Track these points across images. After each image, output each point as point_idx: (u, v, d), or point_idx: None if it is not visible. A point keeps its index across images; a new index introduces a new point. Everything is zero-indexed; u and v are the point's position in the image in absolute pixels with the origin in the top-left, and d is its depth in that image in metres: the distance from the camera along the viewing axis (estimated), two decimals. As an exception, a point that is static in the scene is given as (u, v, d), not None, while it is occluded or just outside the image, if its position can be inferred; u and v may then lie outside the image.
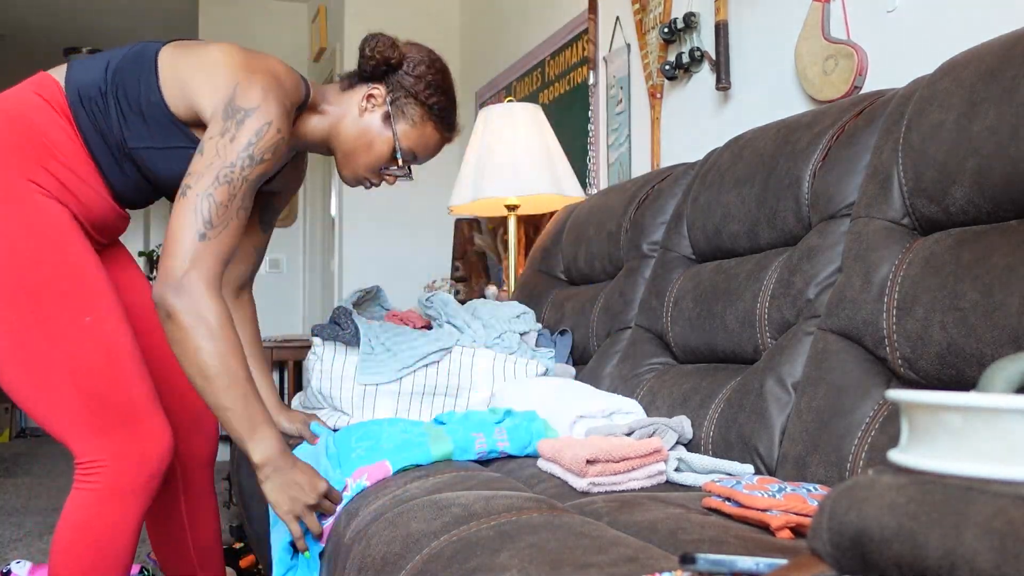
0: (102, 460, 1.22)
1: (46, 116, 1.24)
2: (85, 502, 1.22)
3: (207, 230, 1.16)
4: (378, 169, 1.41)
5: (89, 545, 1.22)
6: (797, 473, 1.15)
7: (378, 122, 1.39)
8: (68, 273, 1.21)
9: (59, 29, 5.46)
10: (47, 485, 3.98)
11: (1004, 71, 1.04)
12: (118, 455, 1.22)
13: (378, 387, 1.72)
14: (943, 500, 0.42)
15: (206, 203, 1.17)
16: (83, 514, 1.22)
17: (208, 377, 1.13)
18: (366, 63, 1.38)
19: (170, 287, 1.14)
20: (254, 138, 1.20)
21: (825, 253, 1.30)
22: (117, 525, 1.23)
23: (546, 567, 0.74)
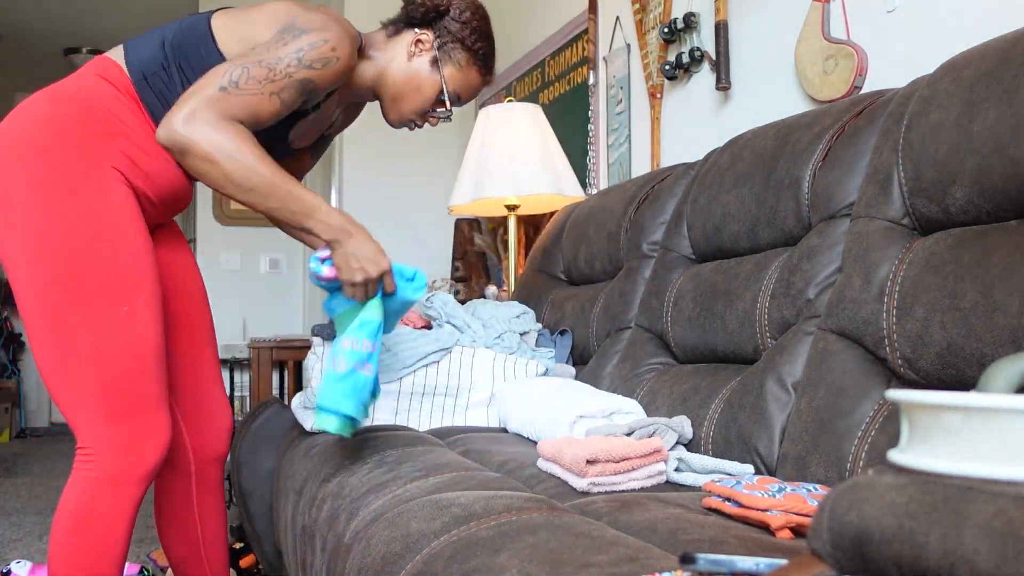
0: (104, 449, 1.24)
1: (114, 98, 1.27)
2: (83, 489, 1.24)
3: (230, 87, 1.19)
4: (424, 112, 1.46)
5: (85, 533, 1.24)
6: (797, 473, 1.15)
7: (426, 66, 1.43)
8: (117, 262, 1.23)
9: (59, 29, 5.46)
10: (47, 485, 3.98)
11: (1004, 71, 1.04)
12: (121, 446, 1.24)
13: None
14: (943, 500, 0.42)
15: (239, 71, 1.20)
16: (81, 501, 1.24)
17: (247, 189, 1.19)
18: (415, 9, 1.43)
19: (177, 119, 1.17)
20: (306, 47, 1.23)
21: (825, 253, 1.30)
22: (113, 514, 1.25)
23: (546, 567, 0.74)
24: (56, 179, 1.20)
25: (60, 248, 1.19)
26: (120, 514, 1.25)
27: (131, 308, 1.23)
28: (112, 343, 1.22)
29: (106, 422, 1.23)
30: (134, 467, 1.25)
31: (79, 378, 1.21)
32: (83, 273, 1.20)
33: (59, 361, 1.21)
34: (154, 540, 2.84)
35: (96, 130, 1.24)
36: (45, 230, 1.19)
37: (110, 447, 1.23)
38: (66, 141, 1.21)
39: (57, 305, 1.20)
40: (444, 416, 1.76)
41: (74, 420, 1.24)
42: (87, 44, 5.75)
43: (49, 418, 6.80)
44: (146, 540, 2.84)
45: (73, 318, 1.20)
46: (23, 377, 6.55)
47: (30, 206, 1.20)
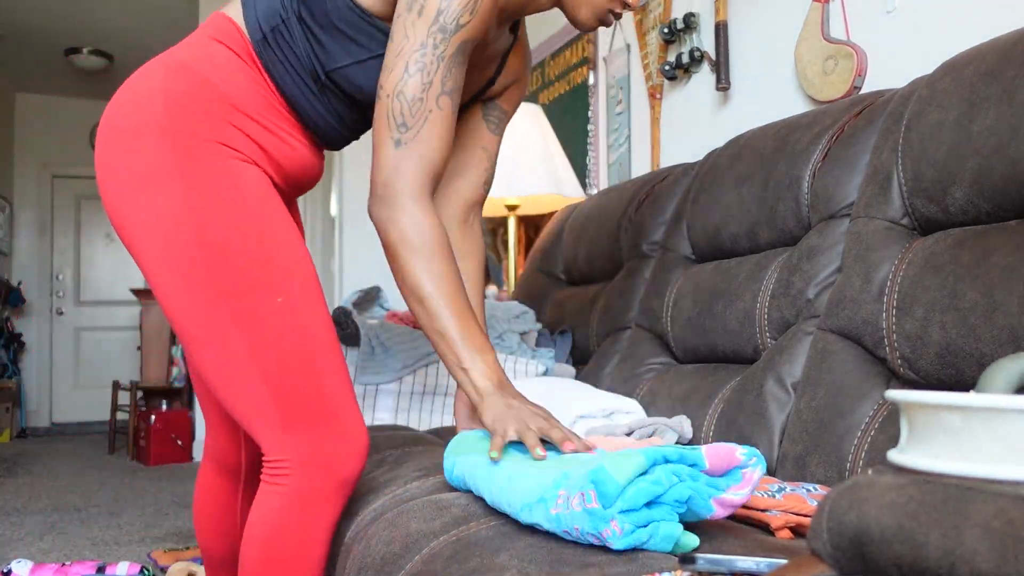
0: (287, 461, 1.07)
1: (231, 66, 1.12)
2: (271, 507, 1.08)
3: (401, 134, 1.04)
4: None
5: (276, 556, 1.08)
6: (797, 473, 1.15)
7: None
8: (259, 248, 1.07)
9: (59, 29, 5.46)
10: (47, 485, 3.98)
11: (1004, 71, 1.04)
12: (305, 458, 1.06)
13: (378, 387, 1.72)
14: (943, 500, 0.42)
15: (396, 103, 1.04)
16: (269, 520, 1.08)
17: (421, 298, 1.02)
18: None
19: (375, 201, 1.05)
20: (445, 3, 1.02)
21: (825, 253, 1.30)
22: (304, 534, 1.08)
23: (546, 567, 0.74)
24: (178, 161, 1.06)
25: (193, 240, 1.05)
26: (311, 534, 1.08)
27: (286, 298, 1.07)
28: (272, 340, 1.05)
29: (285, 430, 1.06)
30: (322, 481, 1.07)
31: (244, 384, 1.05)
32: (221, 267, 1.05)
33: (219, 367, 1.06)
34: (154, 540, 2.84)
35: (211, 106, 1.09)
36: (174, 219, 1.05)
37: (292, 459, 1.06)
38: (181, 119, 1.07)
39: (202, 306, 1.05)
40: (444, 416, 1.76)
41: (252, 431, 1.08)
42: (87, 44, 5.75)
43: (50, 418, 6.81)
44: (146, 540, 2.84)
45: (223, 318, 1.04)
46: (23, 377, 6.55)
47: (155, 194, 1.06)
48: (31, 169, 6.85)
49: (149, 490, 3.86)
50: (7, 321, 6.23)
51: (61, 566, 2.12)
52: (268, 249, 1.07)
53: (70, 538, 2.88)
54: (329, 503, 1.08)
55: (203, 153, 1.07)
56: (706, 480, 0.76)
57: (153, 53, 5.90)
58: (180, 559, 2.43)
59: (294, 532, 1.07)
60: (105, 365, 6.98)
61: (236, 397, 1.06)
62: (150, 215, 1.05)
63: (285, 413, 1.06)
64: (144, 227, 1.06)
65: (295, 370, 1.06)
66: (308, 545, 1.08)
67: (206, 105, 1.09)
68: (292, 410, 1.06)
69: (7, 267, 6.56)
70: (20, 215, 6.79)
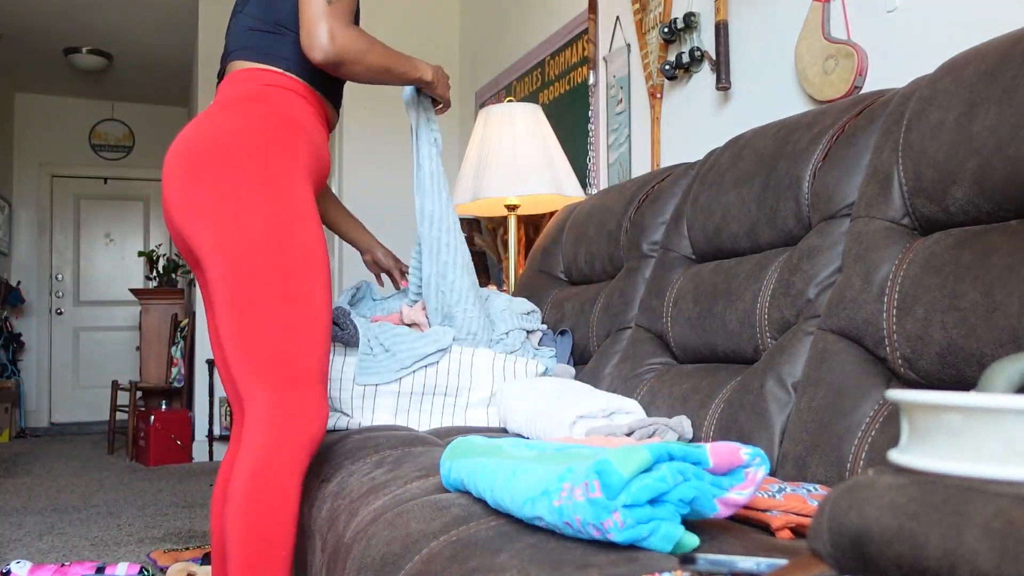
0: (272, 415, 1.31)
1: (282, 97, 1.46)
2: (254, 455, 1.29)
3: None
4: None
5: (260, 496, 1.28)
6: (797, 473, 1.15)
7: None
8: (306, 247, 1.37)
9: (59, 29, 5.46)
10: (47, 485, 3.98)
11: (1004, 71, 1.04)
12: (287, 411, 1.32)
13: (378, 387, 1.72)
14: (943, 500, 0.42)
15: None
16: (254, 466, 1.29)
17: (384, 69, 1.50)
18: None
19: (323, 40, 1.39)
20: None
21: (825, 253, 1.30)
22: (284, 477, 1.30)
23: (546, 567, 0.74)
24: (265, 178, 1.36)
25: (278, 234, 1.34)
26: (291, 475, 1.31)
27: (312, 288, 1.36)
28: (295, 314, 1.33)
29: (275, 387, 1.32)
30: (298, 433, 1.32)
31: (260, 344, 1.31)
32: (280, 252, 1.34)
33: (246, 328, 1.32)
34: (154, 540, 2.84)
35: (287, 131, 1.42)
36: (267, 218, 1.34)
37: (279, 412, 1.31)
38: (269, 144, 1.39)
39: (255, 276, 1.32)
40: (444, 416, 1.76)
41: (248, 386, 1.32)
42: (87, 44, 5.76)
43: (49, 418, 6.80)
44: (146, 540, 2.84)
45: (267, 288, 1.32)
46: (23, 377, 6.55)
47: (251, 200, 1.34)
48: (30, 169, 6.85)
49: (148, 490, 3.85)
50: (6, 321, 6.23)
51: (60, 566, 2.12)
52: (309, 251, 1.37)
53: (69, 538, 2.87)
54: (300, 452, 1.32)
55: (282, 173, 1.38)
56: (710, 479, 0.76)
57: (153, 53, 5.91)
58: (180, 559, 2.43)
59: (275, 474, 1.29)
60: (104, 365, 6.98)
61: (249, 354, 1.32)
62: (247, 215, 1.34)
63: (281, 373, 1.32)
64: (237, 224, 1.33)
65: (301, 342, 1.34)
66: (287, 487, 1.30)
67: (283, 129, 1.41)
68: (287, 372, 1.33)
69: (6, 267, 6.56)
70: (19, 215, 6.78)
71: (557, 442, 0.95)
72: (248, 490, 1.28)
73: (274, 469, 1.30)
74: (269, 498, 1.29)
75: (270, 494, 1.29)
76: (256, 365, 1.32)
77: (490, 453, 0.95)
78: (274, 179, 1.36)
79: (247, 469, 1.29)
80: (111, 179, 7.10)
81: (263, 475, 1.29)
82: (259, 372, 1.32)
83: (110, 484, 4.03)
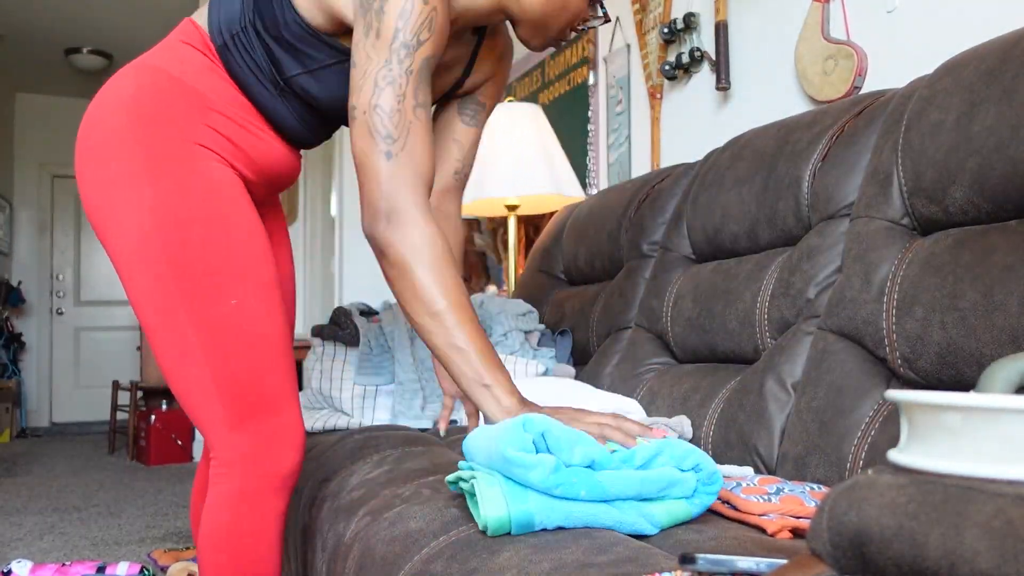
0: (233, 459, 1.12)
1: (199, 66, 1.16)
2: (220, 505, 1.13)
3: (389, 146, 1.01)
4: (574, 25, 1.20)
5: (231, 552, 1.13)
6: (797, 473, 1.15)
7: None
8: (222, 248, 1.11)
9: (59, 29, 5.46)
10: (47, 485, 3.98)
11: (1004, 71, 1.04)
12: (251, 454, 1.12)
13: (378, 387, 1.72)
14: (943, 500, 0.42)
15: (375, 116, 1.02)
16: (220, 519, 1.13)
17: (435, 313, 0.98)
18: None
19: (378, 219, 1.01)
20: (400, 23, 1.01)
21: (825, 253, 1.30)
22: (257, 529, 1.13)
23: (546, 567, 0.74)
24: (149, 164, 1.10)
25: (158, 241, 1.09)
26: (264, 528, 1.13)
27: (240, 300, 1.11)
28: (222, 340, 1.10)
29: (230, 427, 1.11)
30: (267, 477, 1.12)
31: (195, 380, 1.10)
32: (184, 265, 1.09)
33: (174, 362, 1.11)
34: (154, 540, 2.84)
35: (183, 106, 1.12)
36: (142, 221, 1.09)
37: (240, 456, 1.11)
38: (154, 121, 1.11)
39: (163, 301, 1.09)
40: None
41: (199, 426, 1.13)
42: (87, 44, 5.76)
43: (50, 418, 6.81)
44: (146, 540, 2.84)
45: (180, 315, 1.09)
46: (23, 377, 6.55)
47: (127, 197, 1.10)
48: (31, 169, 6.85)
49: (149, 490, 3.86)
50: (7, 321, 6.23)
51: (61, 566, 2.12)
52: (230, 250, 1.11)
53: (70, 538, 2.88)
54: (273, 498, 1.13)
55: (174, 156, 1.10)
56: None
57: (153, 53, 5.90)
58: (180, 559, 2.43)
59: (244, 528, 1.12)
60: (105, 365, 6.98)
61: (187, 393, 1.11)
62: (123, 218, 1.10)
63: (231, 411, 1.10)
64: (117, 227, 1.10)
65: (242, 370, 1.11)
66: (260, 539, 1.13)
67: (179, 104, 1.12)
68: (237, 409, 1.11)
69: (7, 267, 6.56)
70: (20, 215, 6.79)
71: None
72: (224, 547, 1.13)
73: (249, 520, 1.12)
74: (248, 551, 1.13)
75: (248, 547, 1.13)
76: (200, 405, 1.11)
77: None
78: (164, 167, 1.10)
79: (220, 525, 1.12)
80: (111, 179, 7.10)
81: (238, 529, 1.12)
82: (206, 412, 1.11)
83: (110, 484, 4.03)
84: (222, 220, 1.11)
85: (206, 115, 1.13)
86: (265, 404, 1.12)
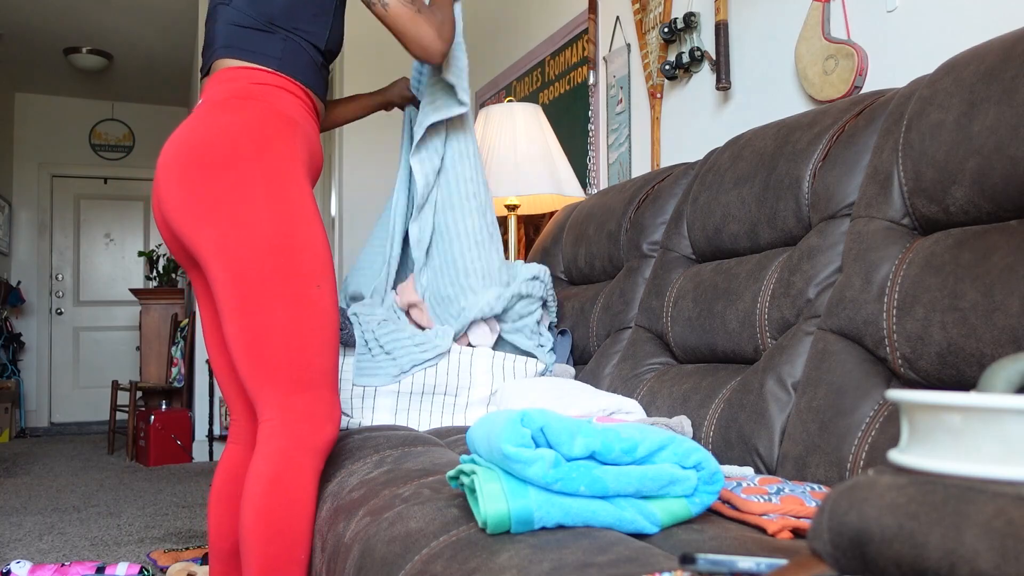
0: (288, 420, 1.29)
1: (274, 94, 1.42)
2: (271, 458, 1.28)
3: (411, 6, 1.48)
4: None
5: (279, 496, 1.27)
6: (797, 473, 1.15)
7: None
8: (314, 248, 1.34)
9: (58, 29, 5.46)
10: (47, 485, 3.98)
11: (1004, 71, 1.04)
12: (303, 415, 1.30)
13: (377, 388, 1.72)
14: (943, 500, 0.42)
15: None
16: (271, 468, 1.28)
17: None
18: None
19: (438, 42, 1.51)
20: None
21: (825, 253, 1.30)
22: (302, 478, 1.29)
23: (546, 567, 0.74)
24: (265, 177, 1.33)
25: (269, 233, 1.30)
26: (308, 478, 1.29)
27: (321, 289, 1.33)
28: (305, 317, 1.31)
29: (289, 392, 1.30)
30: (314, 436, 1.31)
31: (272, 349, 1.29)
32: (286, 255, 1.31)
33: (255, 333, 1.29)
34: (154, 540, 2.84)
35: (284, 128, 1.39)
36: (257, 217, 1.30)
37: (295, 417, 1.29)
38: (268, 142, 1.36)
39: (261, 281, 1.29)
40: (444, 416, 1.76)
41: (260, 392, 1.30)
42: (87, 44, 5.75)
43: (49, 418, 6.80)
44: (146, 541, 2.84)
45: (275, 292, 1.29)
46: (23, 377, 6.55)
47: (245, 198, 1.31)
48: (30, 169, 6.84)
49: (148, 490, 3.86)
50: (6, 321, 6.23)
51: (60, 566, 2.12)
52: (316, 252, 1.35)
53: (69, 538, 2.87)
54: (317, 456, 1.31)
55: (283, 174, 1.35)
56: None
57: (152, 53, 5.90)
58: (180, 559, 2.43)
59: (293, 475, 1.28)
60: (104, 365, 6.98)
61: (261, 360, 1.29)
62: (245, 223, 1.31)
63: (295, 378, 1.30)
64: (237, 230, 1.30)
65: (314, 345, 1.31)
66: (305, 487, 1.29)
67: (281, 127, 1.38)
68: (301, 377, 1.30)
69: (6, 267, 6.56)
70: (19, 215, 6.78)
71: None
72: (266, 495, 1.27)
73: (292, 473, 1.28)
74: (288, 502, 1.28)
75: (289, 498, 1.28)
76: (267, 371, 1.29)
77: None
78: (276, 179, 1.33)
79: (264, 475, 1.28)
80: (111, 179, 7.10)
81: (281, 480, 1.27)
82: (270, 378, 1.30)
83: (110, 484, 4.03)
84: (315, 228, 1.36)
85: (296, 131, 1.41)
86: (323, 377, 1.32)
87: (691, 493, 0.88)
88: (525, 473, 0.82)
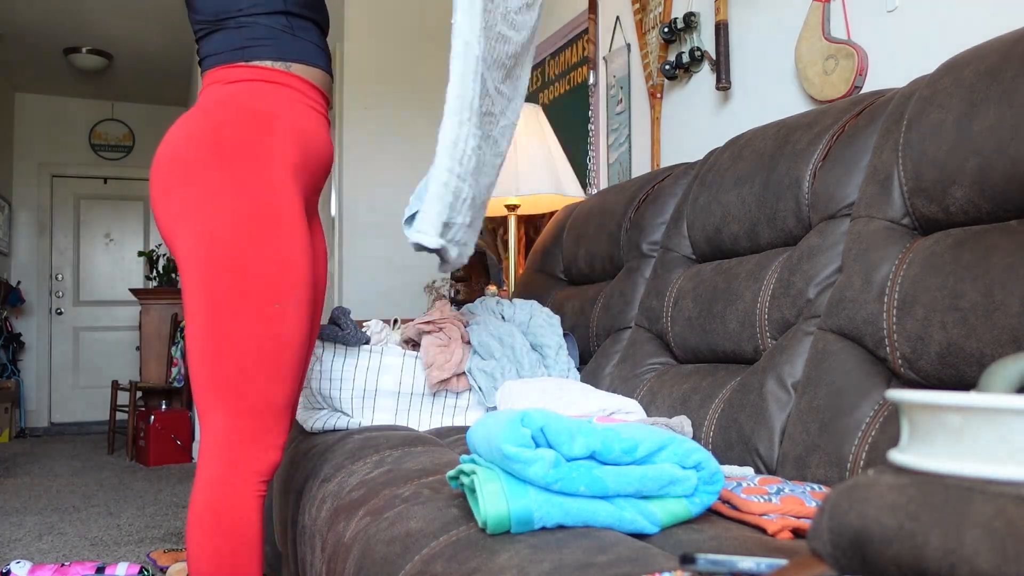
0: (230, 443, 1.24)
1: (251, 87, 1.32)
2: (209, 484, 1.24)
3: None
4: None
5: (219, 527, 1.23)
6: (797, 473, 1.15)
7: None
8: (276, 261, 1.25)
9: (59, 29, 5.46)
10: (47, 485, 3.98)
11: (1004, 71, 1.04)
12: (246, 441, 1.24)
13: (378, 387, 1.72)
14: (943, 500, 0.42)
15: None
16: (210, 496, 1.24)
17: None
18: None
19: None
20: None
21: (825, 253, 1.30)
22: (242, 505, 1.24)
23: (546, 567, 0.74)
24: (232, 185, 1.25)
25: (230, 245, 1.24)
26: (248, 506, 1.25)
27: (282, 307, 1.25)
28: (259, 340, 1.23)
29: (237, 415, 1.24)
30: (254, 462, 1.26)
31: (224, 367, 1.23)
32: (246, 269, 1.23)
33: (209, 350, 1.23)
34: (153, 540, 2.84)
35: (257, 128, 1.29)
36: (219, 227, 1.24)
37: (237, 441, 1.24)
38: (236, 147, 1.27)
39: (220, 296, 1.23)
40: (444, 416, 1.76)
41: (207, 410, 1.25)
42: (87, 44, 5.75)
43: (49, 418, 6.80)
44: (146, 541, 2.84)
45: (231, 309, 1.23)
46: (23, 377, 6.55)
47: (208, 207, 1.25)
48: (30, 169, 6.84)
49: (148, 490, 3.86)
50: (6, 321, 6.23)
51: (60, 566, 2.12)
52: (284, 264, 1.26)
53: (69, 538, 2.87)
54: (256, 484, 1.26)
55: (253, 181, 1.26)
56: None
57: (152, 53, 5.90)
58: (180, 559, 2.43)
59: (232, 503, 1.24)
60: (104, 365, 6.98)
61: (212, 378, 1.23)
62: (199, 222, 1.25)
63: (244, 400, 1.23)
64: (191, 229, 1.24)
65: (267, 367, 1.24)
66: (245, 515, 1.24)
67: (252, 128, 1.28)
68: (250, 399, 1.24)
69: (6, 267, 6.56)
70: (19, 215, 6.78)
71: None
72: (206, 518, 1.24)
73: (230, 497, 1.24)
74: (230, 524, 1.24)
75: (230, 520, 1.24)
76: (215, 389, 1.24)
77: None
78: (244, 188, 1.25)
79: (203, 499, 1.24)
80: (111, 179, 7.10)
81: (221, 503, 1.24)
82: (217, 397, 1.24)
83: (110, 484, 4.03)
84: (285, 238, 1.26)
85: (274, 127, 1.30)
86: (273, 402, 1.25)
87: (691, 493, 0.88)
88: (525, 473, 0.82)
